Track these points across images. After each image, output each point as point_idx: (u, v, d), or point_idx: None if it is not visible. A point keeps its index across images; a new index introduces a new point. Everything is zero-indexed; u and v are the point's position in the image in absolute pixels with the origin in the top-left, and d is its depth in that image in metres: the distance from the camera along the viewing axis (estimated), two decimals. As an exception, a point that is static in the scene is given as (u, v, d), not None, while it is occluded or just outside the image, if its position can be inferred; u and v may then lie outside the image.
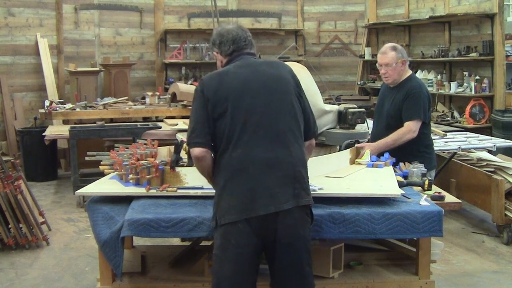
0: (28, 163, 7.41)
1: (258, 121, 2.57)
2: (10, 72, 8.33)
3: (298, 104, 2.69)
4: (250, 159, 2.53)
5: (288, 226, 2.53)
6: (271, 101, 2.61)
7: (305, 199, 2.57)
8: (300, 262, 2.58)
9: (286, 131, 2.60)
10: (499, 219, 4.95)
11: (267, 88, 2.63)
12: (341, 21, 10.13)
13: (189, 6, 9.76)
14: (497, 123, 6.99)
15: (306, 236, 2.59)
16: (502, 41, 7.09)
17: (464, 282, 4.17)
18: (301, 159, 2.63)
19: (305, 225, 2.59)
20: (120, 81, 8.69)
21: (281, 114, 2.62)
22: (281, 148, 2.57)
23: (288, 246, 2.55)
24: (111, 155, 3.49)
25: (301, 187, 2.56)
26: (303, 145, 2.68)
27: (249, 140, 2.55)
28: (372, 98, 9.22)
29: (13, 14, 8.33)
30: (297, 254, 2.57)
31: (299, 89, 2.75)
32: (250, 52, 2.79)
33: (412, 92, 4.00)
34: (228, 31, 2.77)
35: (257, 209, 2.49)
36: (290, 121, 2.63)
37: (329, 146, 4.18)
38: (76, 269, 4.43)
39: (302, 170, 2.60)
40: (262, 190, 2.50)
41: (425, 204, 2.96)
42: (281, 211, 2.50)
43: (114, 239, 2.80)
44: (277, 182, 2.52)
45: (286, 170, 2.54)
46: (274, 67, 2.74)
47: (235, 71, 2.68)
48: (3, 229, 4.74)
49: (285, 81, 2.70)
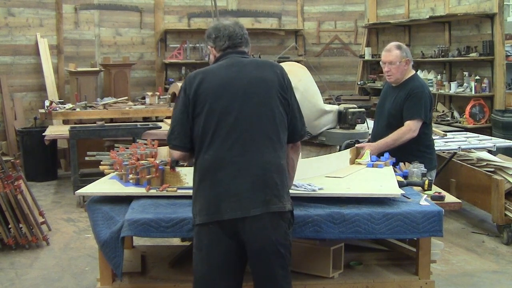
0: (28, 163, 7.41)
1: (232, 124, 2.52)
2: (10, 72, 8.33)
3: (281, 108, 2.60)
4: (221, 162, 2.50)
5: (257, 231, 2.47)
6: (248, 104, 2.55)
7: (276, 206, 2.49)
8: (271, 267, 2.52)
9: (260, 136, 2.53)
10: (499, 219, 4.95)
11: (246, 90, 2.56)
12: (341, 21, 10.12)
13: (189, 6, 9.76)
14: (497, 123, 6.99)
15: (280, 240, 2.51)
16: (502, 41, 7.08)
17: (464, 282, 4.17)
18: (276, 165, 2.54)
19: (279, 230, 2.51)
20: (120, 81, 8.69)
21: (257, 118, 2.54)
22: (253, 152, 2.50)
23: (258, 251, 2.50)
24: (111, 155, 3.49)
25: (272, 194, 2.49)
26: (280, 150, 2.59)
27: (222, 143, 2.51)
28: (372, 98, 9.22)
29: (13, 14, 8.33)
30: (267, 259, 2.50)
31: (286, 92, 2.65)
32: (240, 51, 2.72)
33: (414, 92, 4.00)
34: (225, 26, 2.73)
35: (223, 213, 2.47)
36: (267, 125, 2.55)
37: (329, 146, 4.19)
38: (76, 269, 4.42)
39: (275, 176, 2.52)
40: (230, 194, 2.47)
41: (425, 204, 2.96)
42: (249, 217, 2.45)
43: (114, 239, 2.80)
44: (246, 187, 2.47)
45: (256, 175, 2.48)
46: (260, 69, 2.65)
47: (218, 70, 2.64)
48: (3, 229, 4.74)
49: (267, 84, 2.60)
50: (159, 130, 6.59)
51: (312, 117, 4.08)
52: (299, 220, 2.78)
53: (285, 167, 2.61)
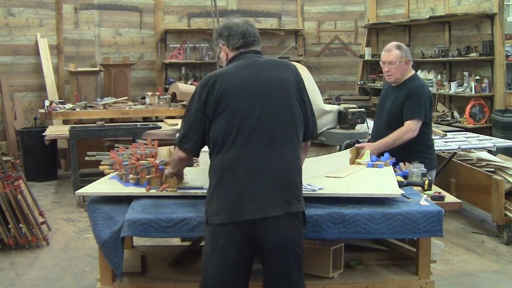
0: (28, 163, 7.42)
1: (254, 125, 2.52)
2: (10, 72, 8.33)
3: (298, 108, 2.63)
4: (242, 162, 2.50)
5: (277, 231, 2.50)
6: (269, 105, 2.56)
7: (296, 206, 2.53)
8: (288, 267, 2.55)
9: (282, 137, 2.55)
10: (499, 219, 4.95)
11: (266, 91, 2.57)
12: (341, 21, 10.13)
13: (189, 6, 9.76)
14: (497, 123, 6.99)
15: (296, 240, 2.55)
16: (502, 41, 7.09)
17: (464, 282, 4.17)
18: (296, 165, 2.59)
19: (296, 230, 2.56)
20: (120, 81, 8.69)
21: (278, 119, 2.56)
22: (275, 153, 2.52)
23: (276, 250, 2.52)
24: (111, 155, 3.50)
25: (293, 194, 2.53)
26: (299, 150, 2.65)
27: (244, 144, 2.51)
28: (372, 98, 9.22)
29: (13, 14, 8.33)
30: (286, 258, 2.54)
31: (302, 92, 2.68)
32: (256, 50, 2.72)
33: (414, 92, 4.00)
34: (237, 24, 2.72)
35: (244, 213, 2.47)
36: (287, 126, 2.58)
37: (329, 146, 4.18)
38: (76, 269, 4.42)
39: (295, 177, 2.57)
40: (251, 194, 2.48)
41: (425, 204, 2.96)
42: (270, 217, 2.47)
43: (114, 239, 2.80)
44: (267, 188, 2.48)
45: (278, 176, 2.51)
46: (278, 69, 2.67)
47: (236, 71, 2.63)
48: (3, 229, 4.74)
49: (286, 84, 2.63)
50: (159, 130, 6.60)
51: (312, 117, 4.08)
52: (299, 220, 2.78)
53: (301, 166, 2.66)
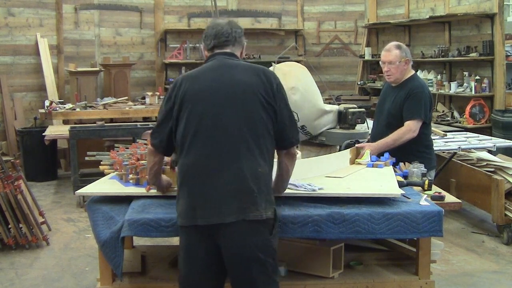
0: (28, 163, 7.41)
1: (210, 129, 2.50)
2: (10, 72, 8.33)
3: (263, 113, 2.52)
4: (198, 167, 2.50)
5: (235, 237, 2.46)
6: (227, 109, 2.51)
7: (253, 214, 2.45)
8: (250, 274, 2.49)
9: (237, 142, 2.48)
10: (499, 219, 4.95)
11: (227, 95, 2.52)
12: (341, 21, 10.13)
13: (189, 6, 9.76)
14: (497, 123, 6.99)
15: (260, 247, 2.48)
16: (502, 41, 7.08)
17: (464, 282, 4.17)
18: (252, 172, 2.47)
19: (257, 236, 2.48)
20: (120, 81, 8.70)
21: (235, 123, 2.49)
22: (230, 159, 2.47)
23: (235, 256, 2.49)
24: (111, 155, 3.50)
25: (249, 201, 2.45)
26: (260, 157, 2.51)
27: (200, 148, 2.50)
28: (372, 98, 9.22)
29: (13, 14, 8.33)
30: (246, 266, 2.49)
31: (272, 97, 2.56)
32: (228, 52, 2.66)
33: (414, 92, 4.00)
34: (215, 25, 2.69)
35: (199, 218, 2.47)
36: (245, 131, 2.49)
37: (329, 146, 4.19)
38: (76, 269, 4.42)
39: (252, 184, 2.46)
40: (206, 199, 2.47)
41: (425, 204, 2.96)
42: (225, 223, 2.44)
43: (114, 239, 2.80)
44: (222, 193, 2.45)
45: (232, 182, 2.45)
46: (246, 73, 2.58)
47: (202, 73, 2.63)
48: (3, 229, 4.74)
49: (251, 89, 2.53)
50: (159, 130, 6.58)
51: (312, 117, 4.09)
52: (299, 220, 2.78)
53: (265, 174, 2.53)
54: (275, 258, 2.56)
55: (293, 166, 2.75)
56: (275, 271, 2.58)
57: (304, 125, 4.10)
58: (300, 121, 4.04)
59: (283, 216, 2.78)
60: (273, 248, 2.55)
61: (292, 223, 2.78)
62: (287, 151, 2.67)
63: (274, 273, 2.57)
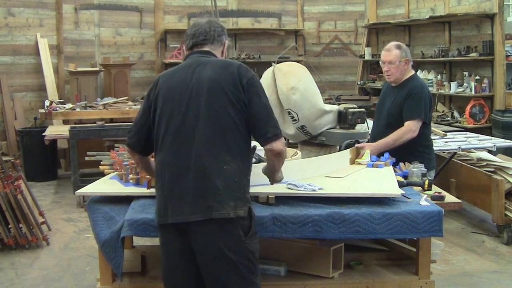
0: (28, 163, 7.42)
1: (178, 127, 2.50)
2: (10, 72, 8.33)
3: (231, 110, 2.48)
4: (168, 166, 2.51)
5: (203, 236, 2.45)
6: (194, 107, 2.50)
7: (219, 212, 2.41)
8: (219, 273, 2.48)
9: (203, 140, 2.47)
10: (499, 219, 4.95)
11: (193, 92, 2.52)
12: (341, 21, 10.13)
13: (189, 6, 9.76)
14: (497, 123, 6.99)
15: (230, 247, 2.45)
16: (502, 41, 7.08)
17: (464, 282, 4.17)
18: (218, 170, 2.44)
19: (228, 236, 2.45)
20: (120, 81, 8.70)
21: (201, 120, 2.48)
22: (195, 157, 2.46)
23: (204, 256, 2.48)
24: (111, 155, 3.50)
25: (214, 200, 2.42)
26: (227, 154, 2.47)
27: (170, 147, 2.51)
28: (372, 98, 9.22)
29: (13, 14, 8.33)
30: (216, 265, 2.47)
31: (242, 92, 2.51)
32: (204, 51, 2.67)
33: (414, 92, 4.00)
34: (195, 24, 2.72)
35: (168, 217, 2.49)
36: (210, 128, 2.47)
37: (329, 146, 4.19)
38: (76, 269, 4.42)
39: (217, 182, 2.43)
40: (173, 198, 2.48)
41: (425, 204, 2.96)
42: (193, 222, 2.44)
43: (114, 239, 2.80)
44: (188, 192, 2.45)
45: (198, 180, 2.44)
46: (216, 69, 2.55)
47: (176, 71, 2.67)
48: (3, 229, 4.74)
49: (219, 85, 2.51)
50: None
51: (312, 117, 4.09)
52: (299, 220, 2.78)
53: (233, 171, 2.48)
54: (252, 259, 2.51)
55: (280, 162, 2.66)
56: (252, 273, 2.52)
57: (304, 125, 4.10)
58: (300, 121, 4.04)
59: (283, 216, 2.78)
60: (248, 249, 2.50)
61: (292, 223, 2.78)
62: (268, 147, 2.56)
63: (251, 275, 2.51)
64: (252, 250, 2.52)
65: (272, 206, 2.91)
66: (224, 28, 2.77)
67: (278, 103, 4.08)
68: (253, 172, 2.84)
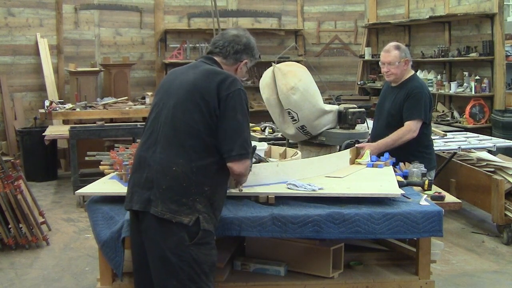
0: (28, 163, 7.42)
1: (152, 121, 2.64)
2: (10, 72, 8.33)
3: (196, 115, 2.50)
4: (139, 159, 2.63)
5: (146, 230, 2.54)
6: (168, 106, 2.59)
7: (155, 209, 2.45)
8: (157, 273, 2.51)
9: (164, 138, 2.54)
10: (499, 219, 4.95)
11: (172, 93, 2.61)
12: (341, 21, 10.13)
13: (189, 6, 9.76)
14: (497, 123, 6.99)
15: (171, 248, 2.45)
16: (502, 41, 7.09)
17: (464, 282, 4.17)
18: (168, 169, 2.47)
19: (171, 237, 2.45)
20: (120, 81, 8.70)
21: (168, 120, 2.56)
22: (155, 153, 2.55)
23: (149, 252, 2.56)
24: (111, 155, 3.50)
25: (156, 196, 2.47)
26: (182, 156, 2.48)
27: (144, 141, 2.64)
28: (372, 98, 9.23)
29: (13, 14, 8.33)
30: (154, 262, 2.53)
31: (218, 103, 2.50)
32: (210, 57, 2.73)
33: (414, 92, 4.00)
34: (223, 33, 2.84)
35: (125, 204, 2.65)
36: (171, 129, 2.53)
37: (329, 146, 4.18)
38: (76, 269, 4.43)
39: (162, 180, 2.47)
40: (130, 186, 2.63)
41: (425, 204, 2.96)
42: (141, 212, 2.53)
43: (114, 239, 2.80)
44: (139, 182, 2.56)
45: (148, 174, 2.53)
46: (202, 76, 2.58)
47: (175, 71, 2.78)
48: (3, 229, 4.75)
49: (193, 89, 2.54)
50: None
51: (312, 117, 4.08)
52: (299, 220, 2.78)
53: (182, 174, 2.46)
54: (194, 268, 2.47)
55: (240, 181, 2.74)
56: (194, 282, 2.48)
57: (304, 125, 4.10)
58: (300, 121, 4.04)
59: (283, 216, 2.78)
60: (192, 256, 2.46)
61: (292, 223, 2.78)
62: (229, 165, 2.52)
63: (192, 284, 2.48)
64: (196, 258, 2.47)
65: (272, 206, 2.90)
66: (249, 47, 2.84)
67: (278, 103, 4.08)
68: (253, 172, 2.85)
